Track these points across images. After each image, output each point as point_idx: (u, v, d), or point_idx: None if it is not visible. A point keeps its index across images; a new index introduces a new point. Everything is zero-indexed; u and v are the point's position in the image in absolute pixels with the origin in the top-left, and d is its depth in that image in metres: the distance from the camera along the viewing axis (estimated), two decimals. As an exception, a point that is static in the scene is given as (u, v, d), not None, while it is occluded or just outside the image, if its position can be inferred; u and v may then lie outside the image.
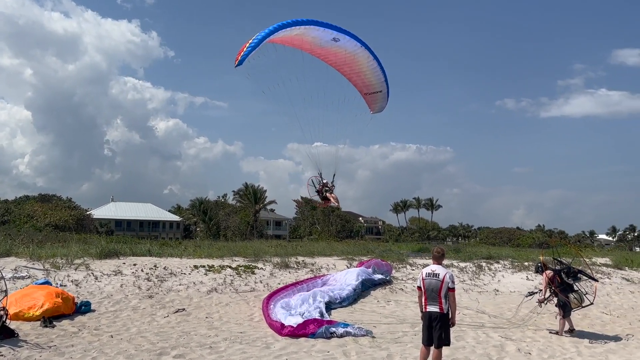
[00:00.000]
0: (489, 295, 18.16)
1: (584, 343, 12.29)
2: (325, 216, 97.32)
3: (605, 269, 24.08)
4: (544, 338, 12.59)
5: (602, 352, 11.57)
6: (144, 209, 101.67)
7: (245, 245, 26.55)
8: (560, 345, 12.00)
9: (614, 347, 12.01)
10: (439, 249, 9.49)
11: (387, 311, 14.82)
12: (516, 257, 25.62)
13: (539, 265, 14.04)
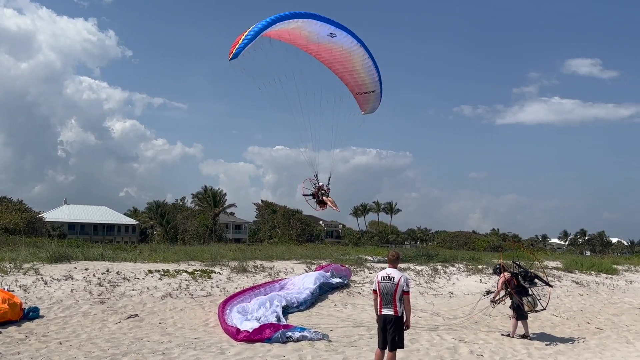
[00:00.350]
0: (444, 298, 18.40)
1: (535, 345, 12.61)
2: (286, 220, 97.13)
3: (556, 272, 24.72)
4: (496, 340, 12.86)
5: (552, 353, 11.91)
6: (99, 212, 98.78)
7: (203, 249, 26.16)
8: (511, 347, 12.27)
9: (563, 349, 12.37)
10: (394, 253, 9.56)
11: (344, 315, 14.84)
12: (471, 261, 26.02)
13: (498, 267, 14.35)
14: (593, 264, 28.82)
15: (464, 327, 14.10)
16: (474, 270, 23.45)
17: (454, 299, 18.26)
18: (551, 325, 15.11)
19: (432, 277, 21.47)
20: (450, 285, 20.51)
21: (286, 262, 21.59)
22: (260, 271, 19.06)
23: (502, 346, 12.25)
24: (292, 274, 18.79)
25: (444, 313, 15.78)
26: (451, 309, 16.37)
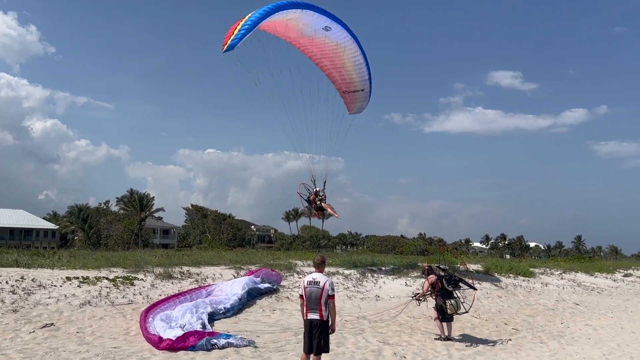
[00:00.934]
0: (371, 301, 18.64)
1: (455, 346, 13.01)
2: (217, 224, 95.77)
3: (476, 274, 25.62)
4: (418, 342, 13.16)
5: (471, 354, 12.32)
6: (15, 216, 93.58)
7: (126, 255, 25.21)
8: (432, 348, 12.62)
9: (482, 350, 12.82)
10: (320, 257, 9.64)
11: (271, 320, 14.76)
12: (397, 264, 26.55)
13: (424, 269, 14.78)
14: (511, 266, 30.10)
15: (389, 329, 14.36)
16: (400, 274, 23.94)
17: (380, 302, 18.55)
18: (471, 326, 15.63)
19: (360, 281, 21.74)
20: (377, 289, 20.81)
21: (214, 268, 21.24)
22: (186, 277, 18.64)
23: (424, 347, 12.56)
24: (220, 280, 18.50)
25: (370, 316, 16.00)
26: (377, 311, 16.62)
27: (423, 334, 14.12)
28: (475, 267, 28.62)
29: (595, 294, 26.09)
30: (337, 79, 21.05)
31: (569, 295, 24.26)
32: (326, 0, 25.58)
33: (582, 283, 29.16)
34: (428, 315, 15.83)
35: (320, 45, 19.88)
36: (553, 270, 32.05)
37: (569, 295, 24.48)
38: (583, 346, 13.76)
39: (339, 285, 19.88)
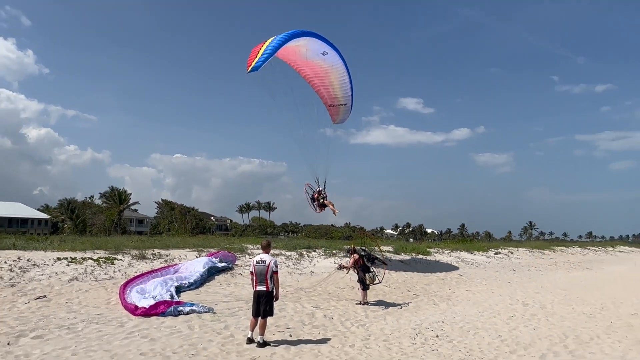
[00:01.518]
0: (307, 275, 18.67)
1: (371, 309, 13.19)
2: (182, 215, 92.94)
3: (388, 254, 26.13)
4: (343, 306, 13.27)
5: (382, 314, 12.53)
6: (13, 208, 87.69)
7: (107, 240, 24.15)
8: (354, 311, 12.75)
9: (390, 311, 13.05)
10: (266, 241, 9.62)
11: (227, 292, 14.52)
12: (328, 247, 26.69)
13: (349, 249, 14.95)
14: (414, 247, 30.87)
15: (320, 297, 14.41)
16: (330, 254, 24.07)
17: (314, 276, 18.61)
18: (383, 293, 15.92)
19: (299, 260, 21.71)
20: (312, 266, 20.84)
21: (180, 250, 20.66)
22: (157, 258, 18.05)
23: (347, 310, 12.71)
24: (185, 260, 17.99)
25: (306, 287, 16.02)
26: (311, 284, 16.68)
27: (347, 300, 14.27)
28: (387, 248, 29.15)
29: (474, 267, 27.10)
30: (324, 95, 20.37)
31: (455, 268, 25.11)
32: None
33: (465, 259, 30.22)
34: (351, 285, 16.02)
35: (314, 67, 19.29)
36: (444, 250, 33.01)
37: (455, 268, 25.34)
38: (464, 306, 14.26)
39: (281, 264, 19.79)
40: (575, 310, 13.77)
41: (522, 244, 51.29)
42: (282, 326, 10.41)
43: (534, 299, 16.08)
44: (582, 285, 20.91)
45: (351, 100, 20.28)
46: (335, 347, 8.85)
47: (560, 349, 9.21)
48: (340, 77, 19.40)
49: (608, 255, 50.54)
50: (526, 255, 38.02)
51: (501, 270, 26.68)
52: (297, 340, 9.26)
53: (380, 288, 16.36)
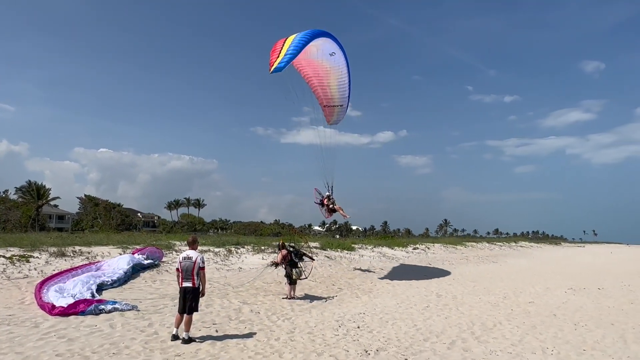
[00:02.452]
0: (235, 272, 18.39)
1: (297, 302, 13.27)
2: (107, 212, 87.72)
3: (315, 250, 26.40)
4: (270, 301, 13.22)
5: (308, 307, 12.63)
6: None
7: (22, 236, 22.27)
8: (280, 305, 12.75)
9: (316, 304, 13.19)
10: (192, 237, 9.34)
11: (153, 289, 13.94)
12: (257, 243, 26.48)
13: (278, 245, 14.93)
14: (339, 244, 31.45)
15: (248, 293, 14.27)
16: (259, 250, 23.89)
17: (242, 272, 18.38)
18: (309, 288, 16.06)
19: (227, 256, 21.33)
20: (240, 262, 20.57)
21: (104, 247, 19.51)
22: (78, 255, 16.91)
23: (274, 305, 12.68)
24: (108, 257, 17.04)
25: (234, 283, 15.78)
26: (239, 280, 16.47)
27: (274, 295, 14.23)
28: (315, 244, 29.46)
29: (394, 262, 28.13)
30: (320, 95, 19.69)
31: (377, 263, 25.92)
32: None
33: (386, 254, 31.29)
34: (278, 280, 16.01)
35: (317, 66, 18.56)
36: (367, 246, 33.95)
37: (377, 262, 26.15)
38: (385, 298, 14.74)
39: (209, 260, 19.35)
40: (482, 300, 14.73)
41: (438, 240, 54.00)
42: (208, 322, 10.18)
43: (446, 290, 16.98)
44: (489, 277, 22.40)
45: (347, 101, 19.76)
46: (261, 341, 8.81)
47: (468, 335, 9.81)
48: (340, 78, 18.91)
49: (511, 250, 54.61)
50: (441, 251, 40.10)
51: (418, 264, 27.91)
52: (223, 336, 9.10)
53: (306, 283, 16.49)
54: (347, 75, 18.78)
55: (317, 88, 19.42)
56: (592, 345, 9.00)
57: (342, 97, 19.44)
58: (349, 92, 19.34)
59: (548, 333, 10.05)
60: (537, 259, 40.92)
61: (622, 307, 13.53)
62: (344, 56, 18.30)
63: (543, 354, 8.37)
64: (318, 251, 26.39)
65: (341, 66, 18.43)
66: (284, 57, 15.07)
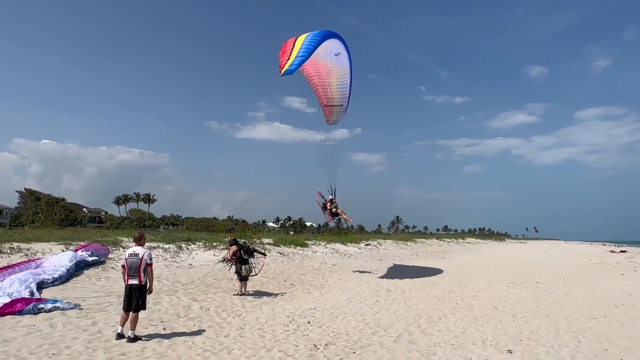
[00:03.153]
0: (185, 268, 18.06)
1: (248, 299, 13.19)
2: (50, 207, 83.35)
3: (268, 246, 26.33)
4: (220, 297, 13.09)
5: (259, 304, 12.60)
6: None
7: (-48, 233, 20.87)
8: (231, 301, 12.65)
9: (267, 300, 13.18)
10: (138, 233, 9.09)
11: (97, 287, 13.44)
12: (208, 240, 26.08)
13: (229, 241, 14.78)
14: (293, 240, 31.51)
15: (198, 290, 14.05)
16: (210, 247, 23.55)
17: (193, 269, 18.07)
18: (261, 284, 16.03)
19: (177, 253, 20.89)
20: (191, 259, 20.22)
21: (45, 244, 18.60)
22: (16, 252, 16.04)
23: (224, 301, 12.56)
24: (50, 254, 16.26)
25: (183, 280, 15.48)
26: (189, 277, 16.18)
27: (225, 291, 14.09)
28: (268, 240, 29.37)
29: (347, 258, 28.51)
30: (320, 94, 19.40)
31: (329, 259, 26.19)
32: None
33: (339, 250, 31.67)
34: (229, 277, 15.85)
35: (319, 66, 18.29)
36: (320, 242, 34.22)
37: (329, 259, 26.43)
38: (336, 294, 14.93)
39: (158, 257, 18.90)
40: (429, 294, 15.23)
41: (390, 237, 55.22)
42: (155, 320, 9.95)
43: (396, 285, 17.42)
44: (436, 272, 23.16)
45: (347, 102, 19.60)
46: (210, 338, 8.72)
47: (414, 328, 10.14)
48: (341, 78, 18.78)
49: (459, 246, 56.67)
50: (392, 247, 41.03)
51: (370, 260, 28.45)
52: (171, 333, 8.93)
53: (258, 279, 16.44)
54: (349, 76, 18.84)
55: (318, 87, 19.36)
56: (528, 336, 9.54)
57: (343, 97, 19.45)
58: (349, 92, 19.40)
59: (489, 325, 10.54)
60: (482, 255, 42.70)
61: (557, 300, 14.39)
62: (349, 57, 18.41)
63: (483, 344, 8.79)
64: (271, 247, 26.33)
65: (344, 66, 18.47)
66: (294, 59, 15.02)
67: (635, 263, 30.77)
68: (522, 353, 8.19)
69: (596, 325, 10.56)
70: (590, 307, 12.97)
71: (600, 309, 12.67)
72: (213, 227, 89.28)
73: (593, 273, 23.70)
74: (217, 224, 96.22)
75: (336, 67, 18.34)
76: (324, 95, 19.49)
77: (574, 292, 16.05)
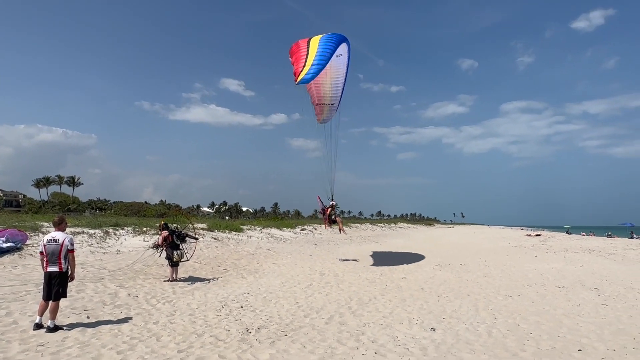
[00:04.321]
0: (112, 254, 17.27)
1: (179, 285, 12.92)
2: (-43, 189, 76.22)
3: (202, 232, 25.81)
4: (150, 284, 12.70)
5: (191, 289, 12.39)
6: None
7: None
8: (161, 288, 12.33)
9: (199, 286, 12.98)
10: (58, 217, 8.57)
11: (13, 275, 12.51)
12: (138, 225, 25.10)
13: (160, 226, 14.29)
14: (227, 225, 31.14)
15: (126, 276, 13.52)
16: (140, 232, 22.70)
17: (120, 255, 17.34)
18: (193, 270, 15.73)
19: (104, 238, 19.92)
20: (119, 245, 19.37)
21: (-48, 229, 16.98)
22: None
23: (154, 288, 12.21)
24: (-43, 241, 14.91)
25: (110, 267, 14.82)
26: (117, 263, 15.51)
27: (155, 278, 13.69)
28: (202, 225, 28.80)
29: (282, 242, 28.65)
30: (313, 93, 18.96)
31: (264, 244, 26.18)
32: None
33: (274, 235, 31.75)
34: (160, 263, 15.41)
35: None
36: (256, 227, 34.11)
37: (264, 243, 26.42)
38: (270, 278, 15.00)
39: (82, 243, 17.95)
40: (360, 277, 15.71)
41: (325, 222, 55.97)
42: (78, 308, 9.47)
43: (329, 269, 17.78)
44: (369, 255, 23.92)
45: (339, 100, 19.40)
46: (138, 325, 8.46)
47: (345, 310, 10.44)
48: (336, 78, 18.59)
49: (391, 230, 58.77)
50: (327, 231, 41.68)
51: (305, 245, 28.77)
52: (95, 322, 8.55)
53: (190, 265, 16.12)
54: (344, 76, 18.89)
55: (312, 85, 19.07)
56: (450, 314, 10.14)
57: (334, 96, 19.44)
58: (342, 92, 19.45)
59: (415, 305, 11.09)
60: (412, 239, 44.59)
61: (478, 280, 15.39)
62: (348, 59, 18.46)
63: (409, 323, 9.24)
64: (205, 232, 25.86)
65: (341, 67, 18.51)
66: (311, 67, 15.04)
67: (548, 246, 33.53)
68: (444, 330, 8.71)
69: (511, 303, 11.43)
70: (507, 287, 14.00)
71: (515, 288, 13.71)
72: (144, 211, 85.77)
73: (511, 255, 25.55)
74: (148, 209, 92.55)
75: (332, 67, 18.35)
76: (317, 93, 19.47)
77: (493, 273, 17.23)
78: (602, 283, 14.63)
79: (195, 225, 26.02)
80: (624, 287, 13.78)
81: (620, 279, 15.67)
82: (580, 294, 12.62)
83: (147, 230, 23.00)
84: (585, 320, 9.57)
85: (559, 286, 14.02)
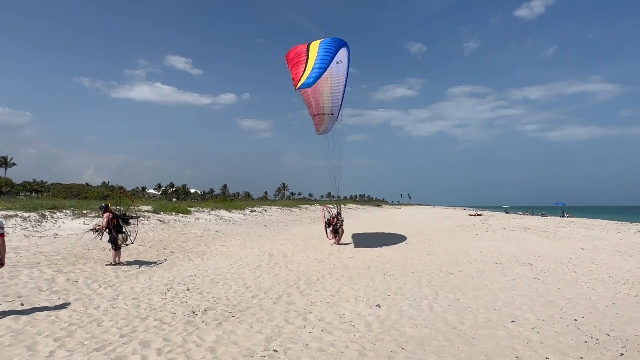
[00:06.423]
0: (49, 239, 16.39)
1: (122, 269, 12.52)
2: None
3: (147, 214, 25.04)
4: (90, 268, 12.22)
5: (135, 273, 12.05)
6: None
7: None
8: (103, 272, 11.90)
9: (144, 269, 12.65)
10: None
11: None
12: (78, 207, 23.92)
13: (102, 207, 13.64)
14: (174, 207, 30.36)
15: (65, 261, 12.92)
16: (80, 215, 21.67)
17: (59, 239, 16.50)
18: (137, 252, 15.28)
19: (39, 221, 18.86)
20: (57, 228, 18.40)
21: None
22: None
23: (95, 272, 11.76)
24: None
25: (47, 251, 14.10)
26: (55, 247, 14.77)
27: (96, 262, 13.17)
28: (147, 207, 27.92)
29: (231, 224, 28.36)
30: (311, 103, 18.09)
31: (213, 226, 25.81)
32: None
33: (223, 217, 31.34)
34: (101, 247, 14.84)
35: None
36: (204, 209, 33.51)
37: (213, 225, 26.05)
38: (218, 260, 14.85)
39: (16, 226, 16.93)
40: (309, 257, 15.88)
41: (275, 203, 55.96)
42: (11, 295, 8.96)
43: (279, 250, 17.84)
44: (318, 236, 24.17)
45: (338, 110, 18.60)
46: (77, 311, 8.13)
47: (294, 290, 10.54)
48: (335, 87, 17.83)
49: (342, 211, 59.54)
50: (277, 213, 41.71)
51: (255, 227, 28.65)
52: (30, 309, 8.13)
53: (134, 248, 15.64)
54: (343, 84, 18.11)
55: (310, 95, 18.25)
56: (395, 291, 10.49)
57: (334, 106, 18.68)
58: (341, 101, 18.64)
59: (362, 283, 11.37)
60: (361, 220, 45.48)
61: (422, 259, 15.98)
62: (347, 66, 17.71)
63: (355, 301, 9.48)
64: (150, 215, 25.11)
65: (341, 75, 17.78)
66: (311, 72, 14.63)
67: (488, 225, 35.27)
68: (388, 307, 9.01)
69: (452, 279, 11.97)
70: (449, 264, 14.64)
71: (456, 265, 14.37)
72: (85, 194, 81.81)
73: (453, 234, 26.67)
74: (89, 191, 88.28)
75: (332, 75, 17.62)
76: (315, 104, 18.65)
77: (437, 251, 17.94)
78: (535, 259, 15.62)
79: (139, 207, 25.18)
80: (554, 262, 14.79)
81: (551, 254, 16.80)
82: (515, 269, 13.42)
83: (87, 213, 21.99)
84: (519, 293, 10.20)
85: (497, 262, 14.83)
